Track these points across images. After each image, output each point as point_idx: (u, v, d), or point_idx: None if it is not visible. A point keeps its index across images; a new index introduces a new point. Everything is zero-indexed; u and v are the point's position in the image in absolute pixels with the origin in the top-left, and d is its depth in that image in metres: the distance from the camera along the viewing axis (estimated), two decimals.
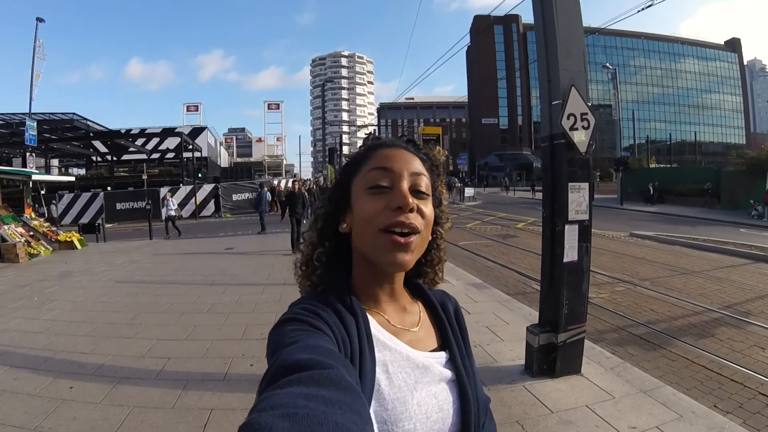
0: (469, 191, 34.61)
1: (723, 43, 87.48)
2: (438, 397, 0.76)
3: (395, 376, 0.73)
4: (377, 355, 0.73)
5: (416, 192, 0.78)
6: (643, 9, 12.93)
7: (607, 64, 38.34)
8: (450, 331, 0.87)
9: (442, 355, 0.83)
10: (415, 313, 0.87)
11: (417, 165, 0.81)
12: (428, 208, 0.79)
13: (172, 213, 17.56)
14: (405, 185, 0.77)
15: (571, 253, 4.01)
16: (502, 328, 5.39)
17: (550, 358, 3.98)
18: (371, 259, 0.78)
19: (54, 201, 24.90)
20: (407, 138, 0.89)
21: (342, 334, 0.70)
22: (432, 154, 0.87)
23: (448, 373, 0.80)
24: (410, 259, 0.76)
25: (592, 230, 4.22)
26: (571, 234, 4.01)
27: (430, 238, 0.82)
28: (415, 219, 0.75)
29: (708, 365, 4.59)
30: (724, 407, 3.74)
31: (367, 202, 0.77)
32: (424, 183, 0.80)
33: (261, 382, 0.56)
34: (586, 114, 3.98)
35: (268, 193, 20.70)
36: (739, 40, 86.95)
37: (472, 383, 0.82)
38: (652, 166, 41.78)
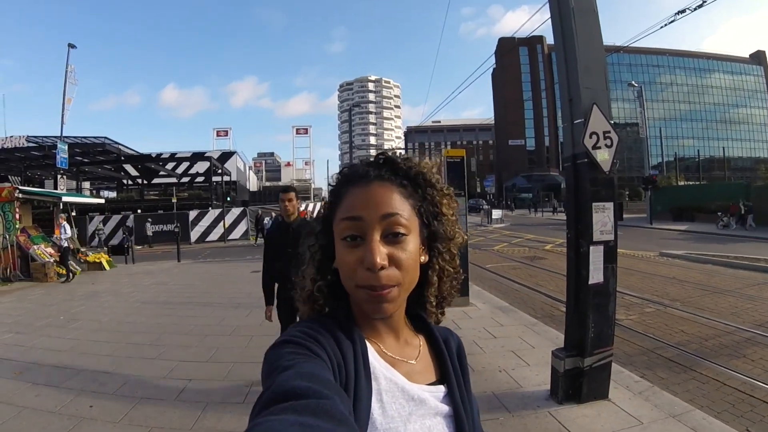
0: (496, 213, 34.57)
1: (748, 56, 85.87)
2: (432, 431, 0.74)
3: (389, 406, 0.72)
4: (372, 383, 0.72)
5: (392, 235, 0.73)
6: (665, 25, 12.79)
7: (633, 82, 37.94)
8: (450, 366, 0.84)
9: (440, 389, 0.80)
10: (415, 346, 0.84)
11: (390, 202, 0.75)
12: (407, 250, 0.74)
13: (64, 244, 13.21)
14: (376, 237, 0.72)
15: (596, 275, 3.90)
16: (528, 352, 5.26)
17: (576, 383, 3.86)
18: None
19: (149, 220, 26.22)
20: (384, 157, 0.81)
21: (338, 359, 0.69)
22: (415, 170, 0.80)
23: (444, 408, 0.78)
24: (391, 307, 0.74)
25: (622, 250, 4.11)
26: (596, 255, 3.91)
27: (417, 275, 0.78)
28: (388, 277, 0.72)
29: (740, 387, 4.40)
30: (757, 431, 3.58)
31: (343, 255, 0.75)
32: (401, 222, 0.74)
33: (255, 405, 0.55)
34: (609, 132, 3.91)
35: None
36: (764, 52, 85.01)
37: (470, 420, 0.80)
38: (681, 183, 40.93)
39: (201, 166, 39.29)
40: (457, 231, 0.85)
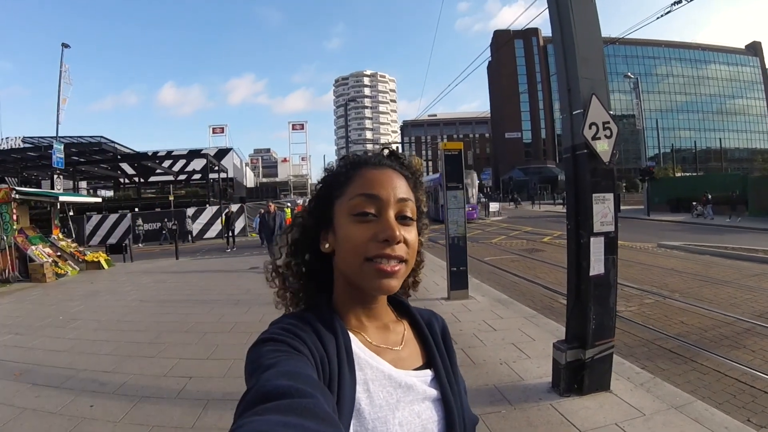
0: (494, 206, 34.66)
1: (744, 47, 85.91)
2: (421, 416, 0.75)
3: (376, 395, 0.73)
4: (357, 373, 0.73)
5: (402, 218, 0.77)
6: (661, 16, 12.77)
7: (629, 74, 37.84)
8: (435, 349, 0.85)
9: (427, 374, 0.81)
10: (399, 332, 0.85)
11: (403, 188, 0.79)
12: (413, 233, 0.78)
13: None
14: (392, 214, 0.75)
15: (597, 266, 3.89)
16: (528, 344, 5.25)
17: (577, 375, 3.85)
18: (356, 284, 0.78)
19: (189, 216, 25.63)
20: (390, 151, 0.87)
21: (321, 354, 0.70)
22: (414, 167, 0.86)
23: (432, 392, 0.79)
24: (396, 285, 0.75)
25: (620, 242, 4.09)
26: (596, 246, 3.89)
27: (414, 262, 0.82)
28: (400, 249, 0.75)
29: (741, 378, 4.41)
30: (759, 421, 3.57)
31: (353, 230, 0.75)
32: (410, 207, 0.79)
33: (239, 404, 0.56)
34: (609, 122, 3.89)
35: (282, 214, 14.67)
36: (759, 43, 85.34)
37: (458, 402, 0.80)
38: (678, 175, 40.99)
39: (198, 164, 39.09)
40: (428, 227, 0.92)
